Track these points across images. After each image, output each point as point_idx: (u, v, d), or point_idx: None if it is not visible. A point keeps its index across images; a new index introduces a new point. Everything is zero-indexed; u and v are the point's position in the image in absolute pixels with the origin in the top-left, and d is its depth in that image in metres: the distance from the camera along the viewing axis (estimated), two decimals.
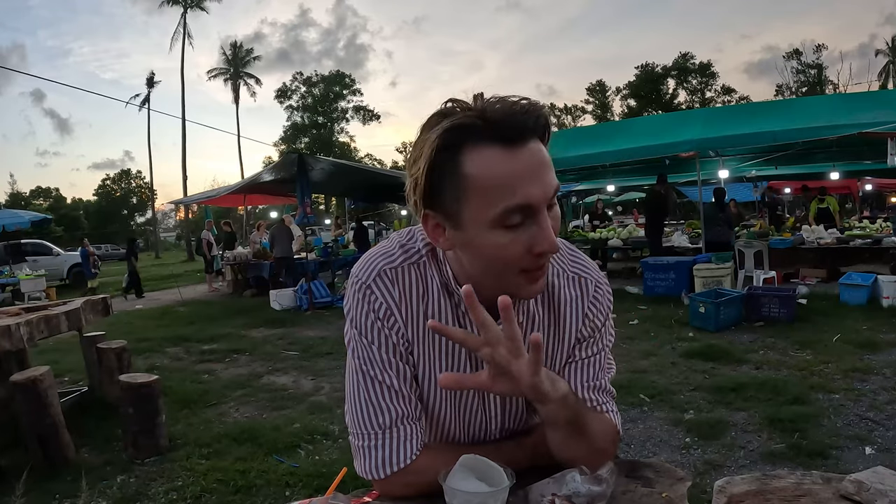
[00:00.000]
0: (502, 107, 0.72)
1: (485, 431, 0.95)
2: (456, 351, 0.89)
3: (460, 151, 0.73)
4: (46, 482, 2.91)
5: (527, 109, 0.72)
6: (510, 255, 0.75)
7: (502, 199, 0.72)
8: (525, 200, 0.72)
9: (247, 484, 2.85)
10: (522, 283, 0.79)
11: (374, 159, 51.98)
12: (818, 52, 42.08)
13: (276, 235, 10.49)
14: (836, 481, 0.82)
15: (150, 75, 41.67)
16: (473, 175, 0.72)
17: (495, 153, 0.72)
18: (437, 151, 0.73)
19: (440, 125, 0.73)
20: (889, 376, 3.97)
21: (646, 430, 3.36)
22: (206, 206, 15.60)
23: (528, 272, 0.77)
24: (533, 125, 0.73)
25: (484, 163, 0.72)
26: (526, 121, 0.72)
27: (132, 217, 58.59)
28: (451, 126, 0.72)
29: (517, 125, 0.72)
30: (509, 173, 0.72)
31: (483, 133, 0.72)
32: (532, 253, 0.75)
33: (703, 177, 9.28)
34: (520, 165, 0.72)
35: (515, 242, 0.74)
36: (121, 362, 4.12)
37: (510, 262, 0.76)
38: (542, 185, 0.73)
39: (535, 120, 0.73)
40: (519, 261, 0.76)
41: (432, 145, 0.72)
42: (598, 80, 52.03)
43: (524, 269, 0.77)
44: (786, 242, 8.65)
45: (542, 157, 0.74)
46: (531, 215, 0.74)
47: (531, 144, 0.73)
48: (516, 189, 0.72)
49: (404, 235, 0.92)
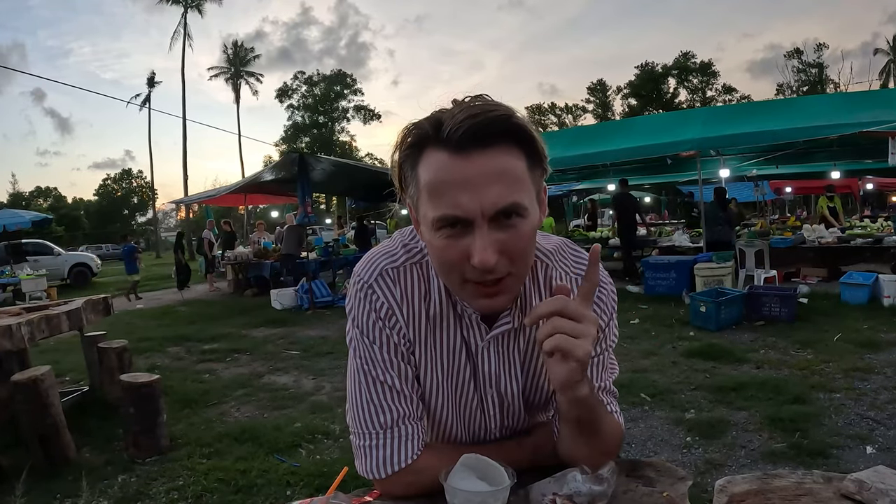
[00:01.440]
0: (461, 114, 0.70)
1: (485, 430, 0.95)
2: (457, 351, 0.89)
3: (421, 152, 0.75)
4: (47, 482, 2.91)
5: (482, 118, 0.69)
6: (447, 259, 0.75)
7: (436, 206, 0.73)
8: (453, 211, 0.71)
9: (248, 483, 2.85)
10: (470, 294, 0.78)
11: (375, 159, 51.99)
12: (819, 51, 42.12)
13: (286, 234, 10.52)
14: (837, 480, 0.82)
15: (150, 75, 41.80)
16: (422, 177, 0.74)
17: (442, 159, 0.72)
18: (401, 149, 0.76)
19: (412, 127, 0.75)
20: (890, 375, 3.97)
21: (647, 429, 3.36)
22: (207, 205, 15.61)
23: (472, 283, 0.76)
24: (483, 134, 0.70)
25: (431, 166, 0.73)
26: (477, 130, 0.69)
27: (133, 217, 58.65)
28: (414, 128, 0.74)
29: (465, 134, 0.69)
30: (446, 180, 0.72)
31: (435, 138, 0.72)
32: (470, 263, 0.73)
33: (703, 176, 9.27)
34: (458, 175, 0.71)
35: (451, 248, 0.74)
36: (122, 362, 4.12)
37: (450, 268, 0.76)
38: (479, 198, 0.70)
39: (485, 128, 0.70)
40: (458, 267, 0.75)
41: (398, 143, 0.76)
42: (599, 79, 52.16)
43: (466, 278, 0.76)
44: (787, 242, 8.65)
45: (489, 169, 0.70)
46: (465, 226, 0.72)
47: (482, 154, 0.71)
48: (448, 198, 0.71)
49: (407, 235, 0.91)
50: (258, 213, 27.03)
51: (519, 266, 0.76)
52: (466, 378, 0.90)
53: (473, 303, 0.80)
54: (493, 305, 0.79)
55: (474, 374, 0.90)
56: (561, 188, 14.68)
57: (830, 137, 7.68)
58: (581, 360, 0.71)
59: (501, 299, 0.78)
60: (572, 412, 0.80)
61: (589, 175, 13.27)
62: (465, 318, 0.87)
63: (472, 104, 0.72)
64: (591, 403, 0.80)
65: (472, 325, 0.87)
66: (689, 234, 10.31)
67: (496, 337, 0.88)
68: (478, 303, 0.79)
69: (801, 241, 8.74)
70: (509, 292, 0.78)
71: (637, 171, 12.74)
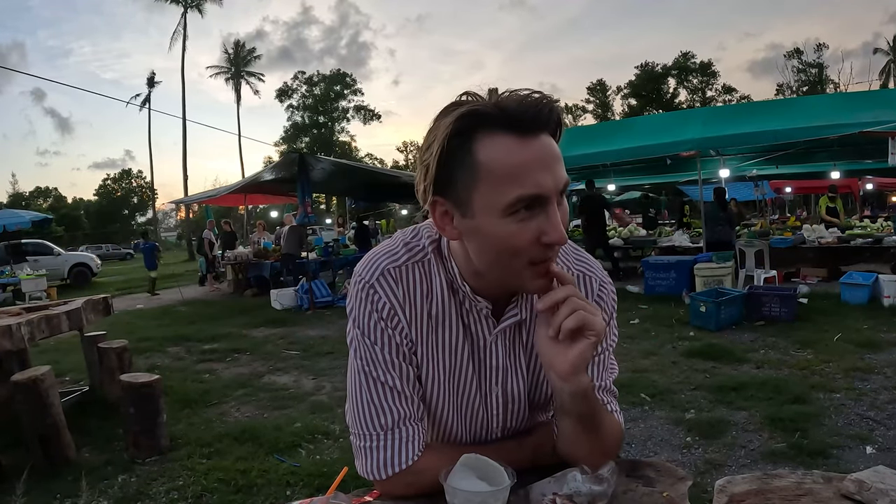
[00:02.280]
0: (517, 98, 0.73)
1: (487, 430, 0.95)
2: (459, 350, 0.89)
3: (473, 138, 0.73)
4: (47, 482, 2.91)
5: (540, 102, 0.73)
6: (519, 243, 0.74)
7: (514, 187, 0.72)
8: (536, 190, 0.72)
9: (248, 483, 2.85)
10: (529, 275, 0.78)
11: (375, 159, 52.06)
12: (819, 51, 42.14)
13: (287, 235, 10.51)
14: (837, 480, 0.82)
15: (150, 75, 41.76)
16: (486, 162, 0.73)
17: (508, 141, 0.72)
18: (450, 137, 0.73)
19: (455, 111, 0.74)
20: (890, 375, 3.97)
21: (647, 429, 3.36)
22: (207, 205, 15.61)
23: (535, 264, 0.77)
24: (545, 119, 0.73)
25: (497, 150, 0.73)
26: (539, 113, 0.73)
27: (133, 217, 58.64)
28: (466, 112, 0.73)
29: (530, 116, 0.72)
30: (522, 162, 0.72)
31: (497, 121, 0.72)
32: (540, 243, 0.74)
33: (703, 176, 9.27)
34: (532, 155, 0.73)
35: (524, 231, 0.74)
36: (122, 362, 4.12)
37: (519, 252, 0.75)
38: (554, 177, 0.74)
39: (548, 114, 0.73)
40: (527, 250, 0.75)
41: (446, 130, 0.73)
42: (599, 79, 52.08)
43: (532, 260, 0.76)
44: (787, 242, 8.64)
45: (553, 150, 0.75)
46: (541, 205, 0.74)
47: (543, 137, 0.74)
48: (528, 178, 0.72)
49: (409, 234, 0.91)
50: (258, 213, 27.03)
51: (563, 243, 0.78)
52: (469, 377, 0.90)
53: (532, 284, 0.79)
54: (548, 284, 0.79)
55: (477, 372, 0.90)
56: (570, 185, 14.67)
57: (830, 137, 7.67)
58: (599, 334, 0.76)
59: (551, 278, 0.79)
60: (574, 406, 0.81)
61: (589, 175, 13.25)
62: (473, 314, 0.87)
63: (523, 91, 0.74)
64: (592, 396, 0.82)
65: (480, 320, 0.87)
66: (689, 235, 10.31)
67: (503, 331, 0.88)
68: (537, 283, 0.78)
69: (801, 242, 8.73)
70: (553, 269, 0.79)
71: (637, 172, 12.75)
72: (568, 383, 0.78)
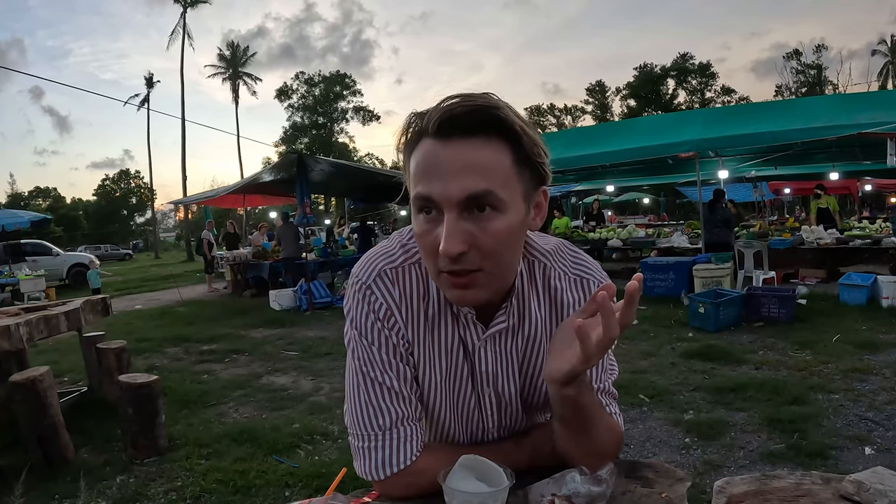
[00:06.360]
0: (445, 103, 0.73)
1: (483, 431, 0.95)
2: (455, 350, 0.89)
3: (416, 143, 0.77)
4: (46, 482, 2.91)
5: (462, 106, 0.72)
6: (424, 245, 0.77)
7: (415, 185, 0.75)
8: (426, 192, 0.73)
9: (246, 484, 2.85)
10: (443, 284, 0.79)
11: (374, 159, 52.02)
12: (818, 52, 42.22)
13: (282, 235, 10.42)
14: (836, 481, 0.82)
15: (149, 75, 41.75)
16: (412, 164, 0.77)
17: (429, 145, 0.75)
18: (401, 143, 0.79)
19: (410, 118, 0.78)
20: (888, 376, 3.97)
21: (645, 430, 3.36)
22: (206, 206, 15.59)
23: (444, 273, 0.76)
24: (464, 122, 0.72)
25: (419, 153, 0.76)
26: (454, 117, 0.71)
27: (132, 217, 58.61)
28: (416, 118, 0.76)
29: (444, 122, 0.72)
30: (426, 163, 0.74)
31: (425, 126, 0.75)
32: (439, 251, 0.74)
33: (702, 177, 9.28)
34: (433, 160, 0.74)
35: (428, 234, 0.76)
36: (120, 362, 4.12)
37: (426, 255, 0.78)
38: (445, 185, 0.72)
39: (467, 117, 0.71)
40: (433, 254, 0.76)
41: (398, 139, 0.79)
42: (598, 80, 52.19)
43: (440, 268, 0.76)
44: (785, 243, 8.65)
45: (466, 157, 0.72)
46: (442, 213, 0.74)
47: (462, 142, 0.72)
48: (424, 179, 0.74)
49: (406, 235, 0.91)
50: (257, 213, 27.02)
51: (491, 262, 0.75)
52: (464, 378, 0.90)
53: (447, 293, 0.80)
54: (464, 298, 0.78)
55: (472, 374, 0.90)
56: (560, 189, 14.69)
57: (829, 139, 7.69)
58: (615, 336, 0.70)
59: (472, 293, 0.77)
60: (561, 409, 0.81)
61: (588, 176, 13.28)
62: (462, 318, 0.87)
63: (460, 95, 0.73)
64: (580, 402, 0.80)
65: (469, 325, 0.87)
66: (688, 235, 10.32)
67: (492, 336, 0.88)
68: (450, 293, 0.79)
69: (800, 243, 8.74)
70: (482, 288, 0.77)
71: (636, 173, 12.77)
72: (553, 386, 0.79)
